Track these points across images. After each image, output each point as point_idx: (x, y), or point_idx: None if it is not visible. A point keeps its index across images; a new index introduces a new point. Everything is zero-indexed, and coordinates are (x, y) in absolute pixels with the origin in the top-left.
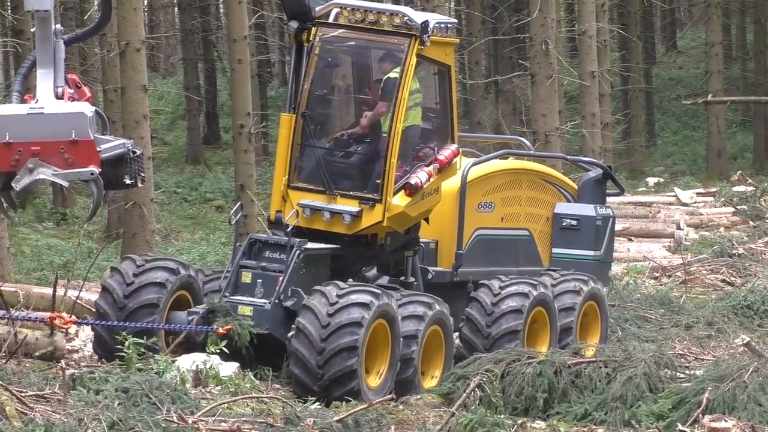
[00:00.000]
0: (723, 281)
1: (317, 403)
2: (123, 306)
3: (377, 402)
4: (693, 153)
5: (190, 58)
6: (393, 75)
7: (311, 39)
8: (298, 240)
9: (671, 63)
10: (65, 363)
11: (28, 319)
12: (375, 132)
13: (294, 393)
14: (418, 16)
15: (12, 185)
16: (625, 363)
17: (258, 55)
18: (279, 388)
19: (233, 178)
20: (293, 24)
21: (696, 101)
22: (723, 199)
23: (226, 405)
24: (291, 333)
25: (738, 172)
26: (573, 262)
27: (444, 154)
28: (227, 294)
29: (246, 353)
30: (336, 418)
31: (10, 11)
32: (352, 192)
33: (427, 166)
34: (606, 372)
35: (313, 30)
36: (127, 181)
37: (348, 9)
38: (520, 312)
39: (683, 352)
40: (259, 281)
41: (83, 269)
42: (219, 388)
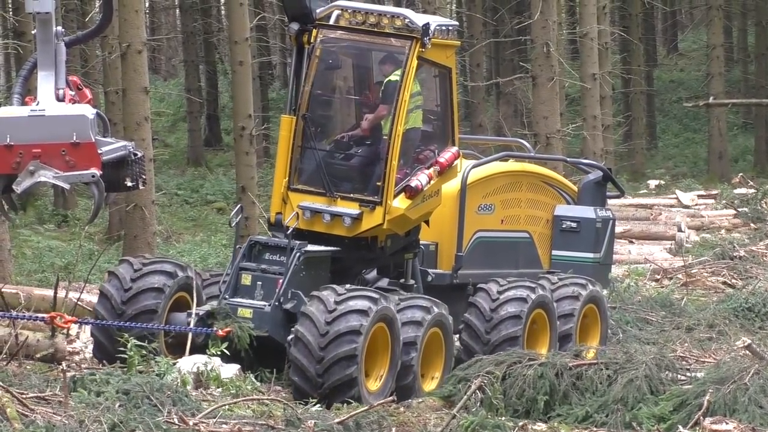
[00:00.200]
0: (724, 283)
1: (318, 405)
2: (121, 312)
3: (378, 404)
4: (694, 155)
5: (191, 60)
6: (394, 77)
7: (312, 41)
8: (298, 242)
9: (672, 65)
10: (66, 365)
11: (28, 318)
12: (375, 134)
13: (295, 396)
14: (419, 18)
15: (13, 188)
16: (626, 365)
17: (259, 57)
18: (280, 390)
19: (234, 180)
20: (294, 26)
21: (697, 104)
22: (724, 202)
23: (227, 407)
24: (290, 337)
25: (739, 174)
26: (573, 264)
27: (444, 156)
28: (227, 296)
29: (246, 355)
30: (337, 420)
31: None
32: (352, 194)
33: (428, 168)
34: (607, 374)
35: (314, 32)
36: (129, 184)
37: (349, 11)
38: (519, 318)
39: (684, 354)
40: (259, 283)
41: (84, 271)
42: (220, 390)
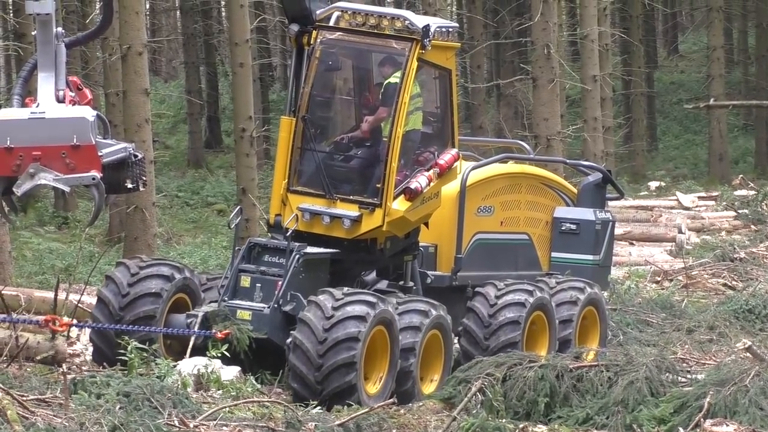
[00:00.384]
0: (724, 285)
1: (318, 408)
2: (119, 318)
3: (378, 406)
4: (694, 157)
5: (191, 61)
6: (394, 79)
7: (312, 42)
8: (297, 244)
9: (673, 67)
10: (66, 367)
11: (23, 321)
12: (375, 136)
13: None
14: (419, 20)
15: (13, 190)
16: (627, 367)
17: (260, 59)
18: (280, 392)
19: (235, 181)
20: (294, 27)
21: (698, 105)
22: (724, 203)
23: (227, 409)
24: (288, 340)
25: (739, 176)
26: (572, 266)
27: (444, 158)
28: (226, 298)
29: (245, 357)
30: (337, 422)
31: (11, 14)
32: (351, 196)
33: (428, 170)
34: (607, 376)
35: (314, 33)
36: (129, 185)
37: (349, 12)
38: (517, 323)
39: (685, 356)
40: (258, 285)
41: (85, 273)
42: (220, 392)
